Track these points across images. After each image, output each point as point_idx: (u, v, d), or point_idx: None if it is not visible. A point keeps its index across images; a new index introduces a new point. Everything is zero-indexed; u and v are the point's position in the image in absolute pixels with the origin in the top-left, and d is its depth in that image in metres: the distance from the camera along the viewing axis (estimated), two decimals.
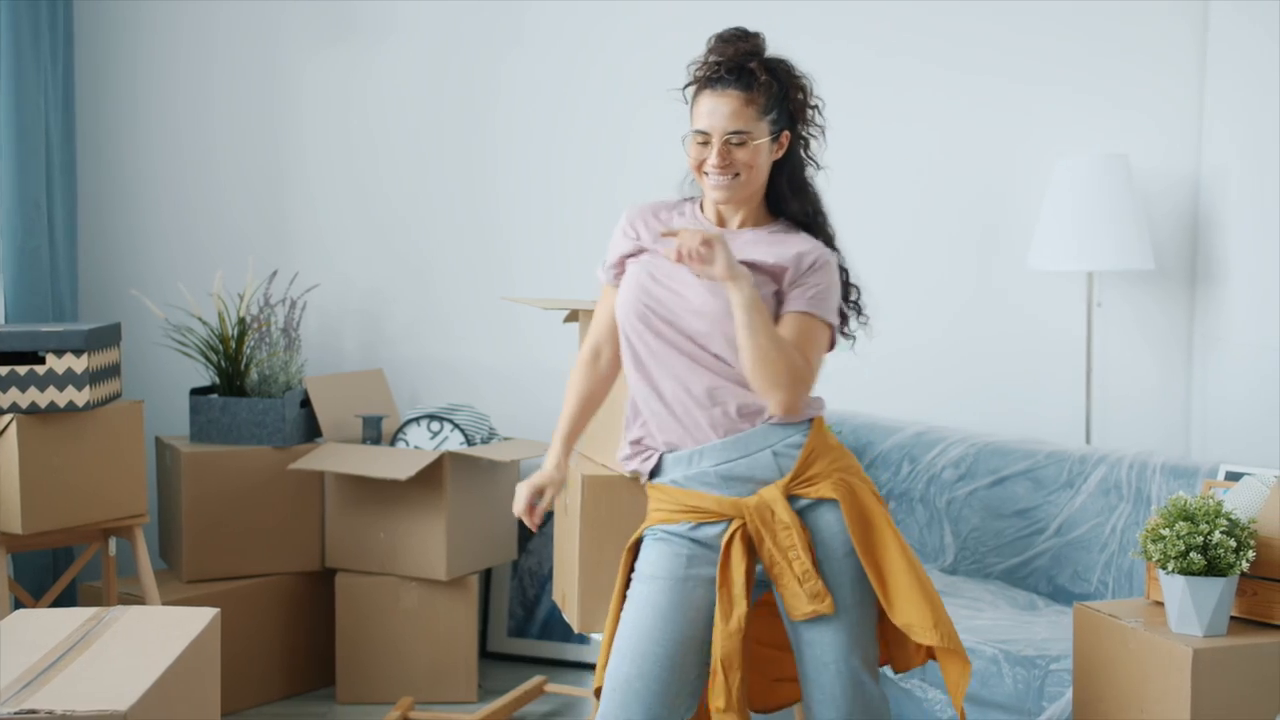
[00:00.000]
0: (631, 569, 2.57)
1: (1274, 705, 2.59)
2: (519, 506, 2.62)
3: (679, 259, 2.44)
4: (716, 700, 2.45)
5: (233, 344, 4.24)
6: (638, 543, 2.58)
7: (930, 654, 2.66)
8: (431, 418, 4.14)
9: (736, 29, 2.56)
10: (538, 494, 2.62)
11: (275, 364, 4.25)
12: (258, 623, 4.10)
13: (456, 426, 4.12)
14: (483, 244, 4.61)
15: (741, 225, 2.60)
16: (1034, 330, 4.45)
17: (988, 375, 4.46)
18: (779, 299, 2.55)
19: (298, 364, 4.31)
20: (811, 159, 2.65)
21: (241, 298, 4.30)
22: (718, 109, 2.49)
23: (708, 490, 2.50)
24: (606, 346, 2.67)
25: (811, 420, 2.56)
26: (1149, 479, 3.70)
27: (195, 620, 2.40)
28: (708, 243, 2.42)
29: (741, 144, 2.50)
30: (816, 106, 2.61)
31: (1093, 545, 3.77)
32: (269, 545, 4.13)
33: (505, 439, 4.28)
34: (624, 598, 2.55)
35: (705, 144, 2.51)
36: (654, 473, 2.57)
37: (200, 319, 4.29)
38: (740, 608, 2.45)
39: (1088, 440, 4.29)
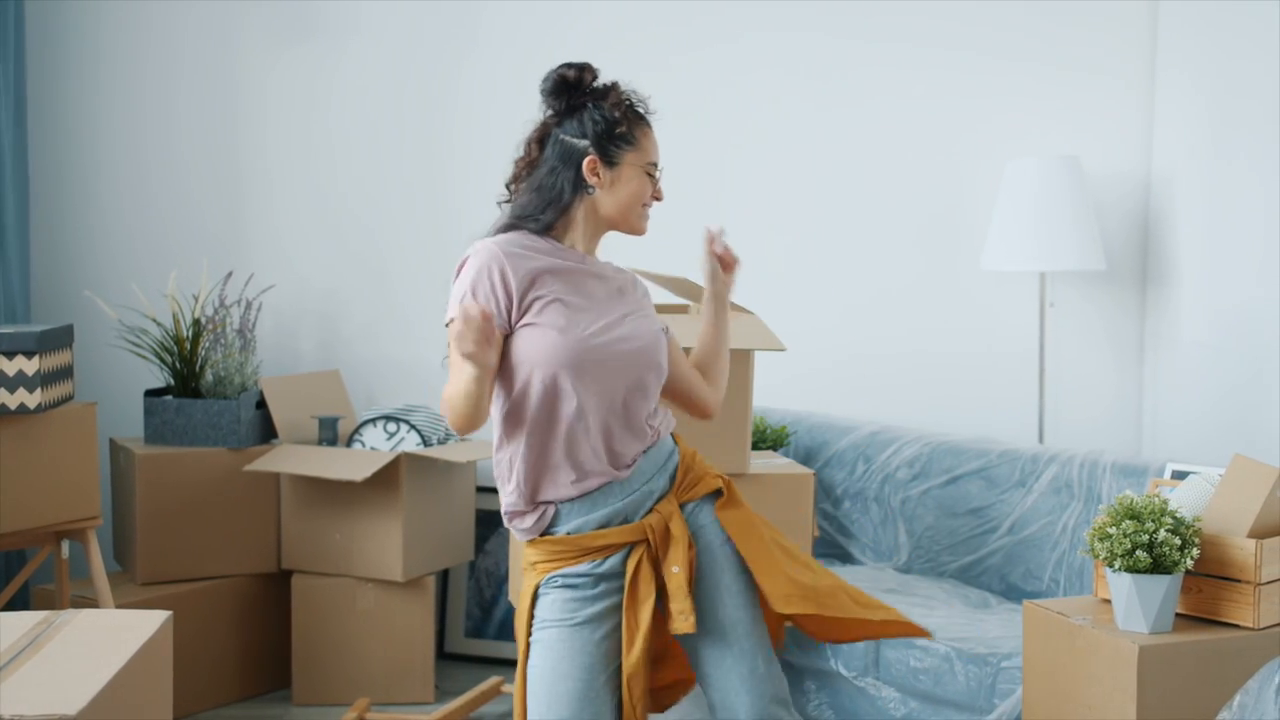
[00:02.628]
0: (531, 618, 2.52)
1: (1219, 700, 2.63)
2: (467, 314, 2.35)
3: (726, 260, 2.67)
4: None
5: (187, 345, 4.22)
6: (535, 592, 2.52)
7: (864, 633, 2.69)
8: (388, 419, 4.14)
9: (585, 64, 2.55)
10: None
11: (230, 365, 4.23)
12: (213, 624, 4.09)
13: (413, 427, 4.12)
14: (440, 245, 4.60)
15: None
16: (987, 330, 4.49)
17: (942, 375, 4.50)
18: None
19: (253, 365, 4.30)
20: None
21: (196, 299, 4.29)
22: (656, 144, 2.56)
23: (613, 526, 2.49)
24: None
25: (674, 437, 2.61)
26: (1100, 478, 3.74)
27: (147, 623, 2.39)
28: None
29: None
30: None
31: (1044, 544, 3.81)
32: (224, 547, 4.12)
33: (462, 440, 4.28)
34: (529, 648, 2.51)
35: (652, 176, 2.54)
36: (547, 528, 2.51)
37: (155, 320, 4.27)
38: (645, 626, 2.45)
39: (1040, 439, 4.33)
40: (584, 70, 2.54)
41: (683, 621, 2.45)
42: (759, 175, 4.56)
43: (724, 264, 2.71)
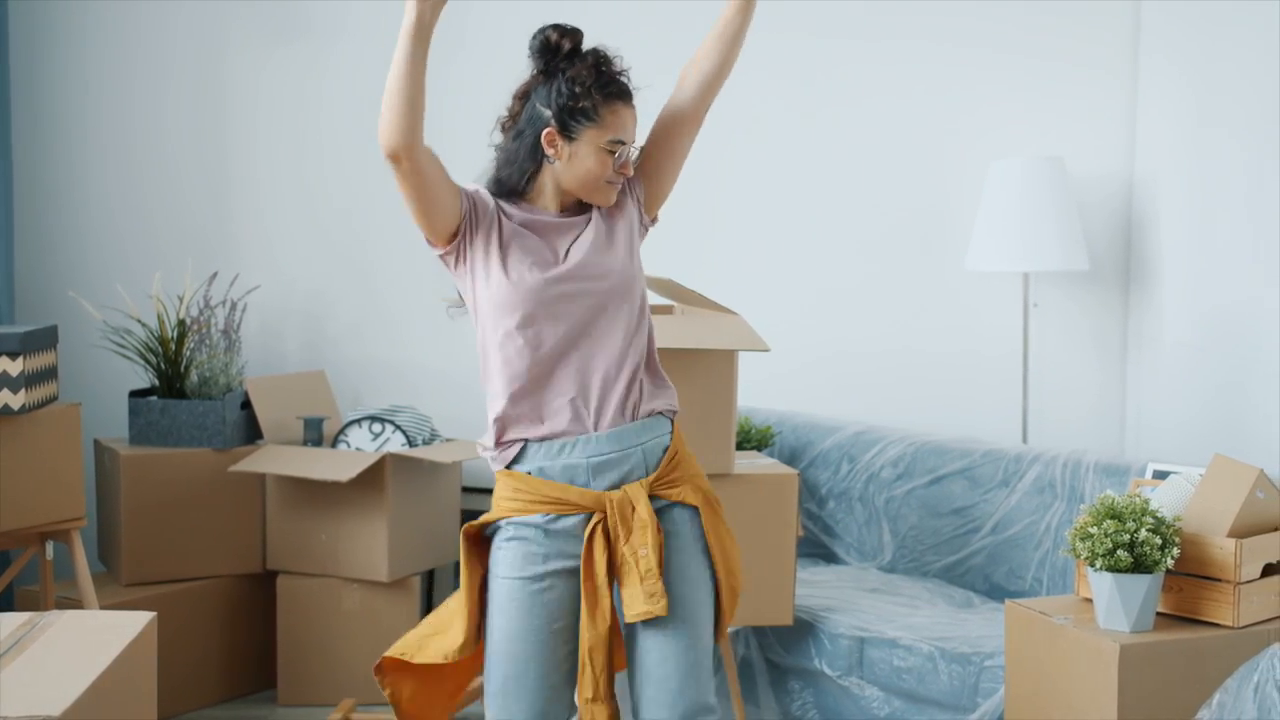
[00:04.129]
0: (477, 551, 2.56)
1: (1199, 699, 2.64)
2: None
3: None
4: (585, 691, 2.48)
5: (172, 346, 4.22)
6: (483, 526, 2.56)
7: None
8: (373, 419, 4.14)
9: (575, 29, 2.59)
10: None
11: (215, 366, 4.23)
12: (198, 625, 4.08)
13: (398, 428, 4.12)
14: (425, 245, 4.60)
15: (571, 212, 2.60)
16: (971, 331, 4.51)
17: (926, 375, 4.52)
18: (638, 205, 2.62)
19: (238, 365, 4.30)
20: None
21: (181, 299, 4.28)
22: (630, 119, 2.54)
23: (572, 483, 2.50)
24: (420, 136, 2.56)
25: (672, 421, 2.60)
26: (1082, 477, 3.76)
27: (131, 624, 2.39)
28: None
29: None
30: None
31: (1027, 543, 3.83)
32: (209, 548, 4.11)
33: (447, 440, 4.28)
34: (472, 577, 2.55)
35: (614, 153, 2.53)
36: (512, 461, 2.53)
37: (139, 321, 4.27)
38: (605, 601, 2.48)
39: (1024, 439, 4.35)
40: (565, 35, 2.56)
41: (653, 604, 2.45)
42: (743, 175, 4.57)
43: None
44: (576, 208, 2.59)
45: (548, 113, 2.53)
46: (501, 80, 4.79)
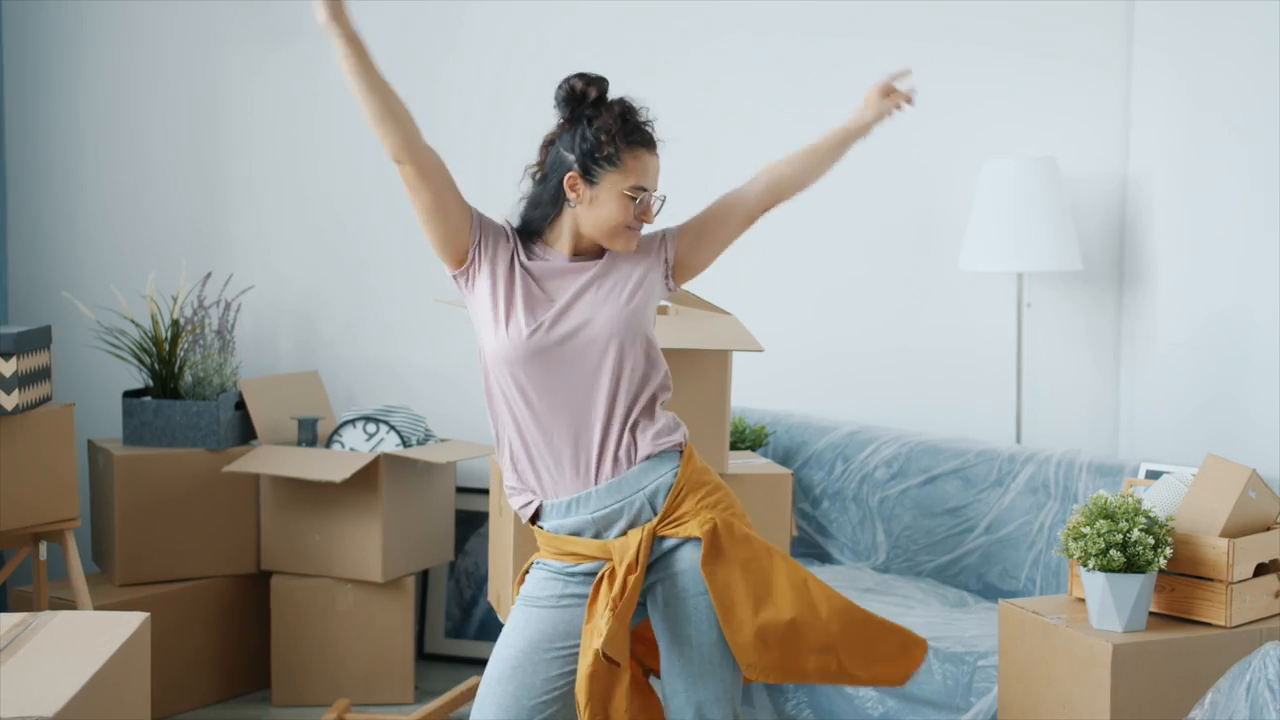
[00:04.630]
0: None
1: (1191, 698, 2.65)
2: None
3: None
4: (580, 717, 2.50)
5: (166, 346, 4.21)
6: (526, 569, 2.64)
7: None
8: (367, 419, 4.14)
9: (601, 77, 2.58)
10: None
11: (209, 366, 4.23)
12: (192, 626, 4.08)
13: (392, 428, 4.12)
14: (420, 245, 4.57)
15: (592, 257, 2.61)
16: (965, 331, 4.51)
17: (920, 375, 4.52)
18: (665, 266, 2.63)
19: (232, 366, 4.30)
20: None
21: (175, 300, 4.28)
22: (653, 167, 2.57)
23: (582, 536, 2.53)
24: (423, 144, 2.72)
25: (681, 452, 2.55)
26: (1076, 477, 3.76)
27: (124, 625, 2.39)
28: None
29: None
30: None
31: (1021, 543, 3.83)
32: (203, 548, 4.11)
33: (441, 440, 4.29)
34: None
35: (634, 199, 2.53)
36: (534, 517, 2.58)
37: (133, 321, 4.27)
38: (588, 660, 2.45)
39: (1018, 439, 4.35)
40: (591, 84, 2.56)
41: (603, 642, 2.43)
42: (735, 176, 4.56)
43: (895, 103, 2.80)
44: (590, 253, 2.59)
45: (571, 157, 2.54)
46: (494, 80, 4.82)
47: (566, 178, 2.54)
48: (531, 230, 2.60)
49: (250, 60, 4.57)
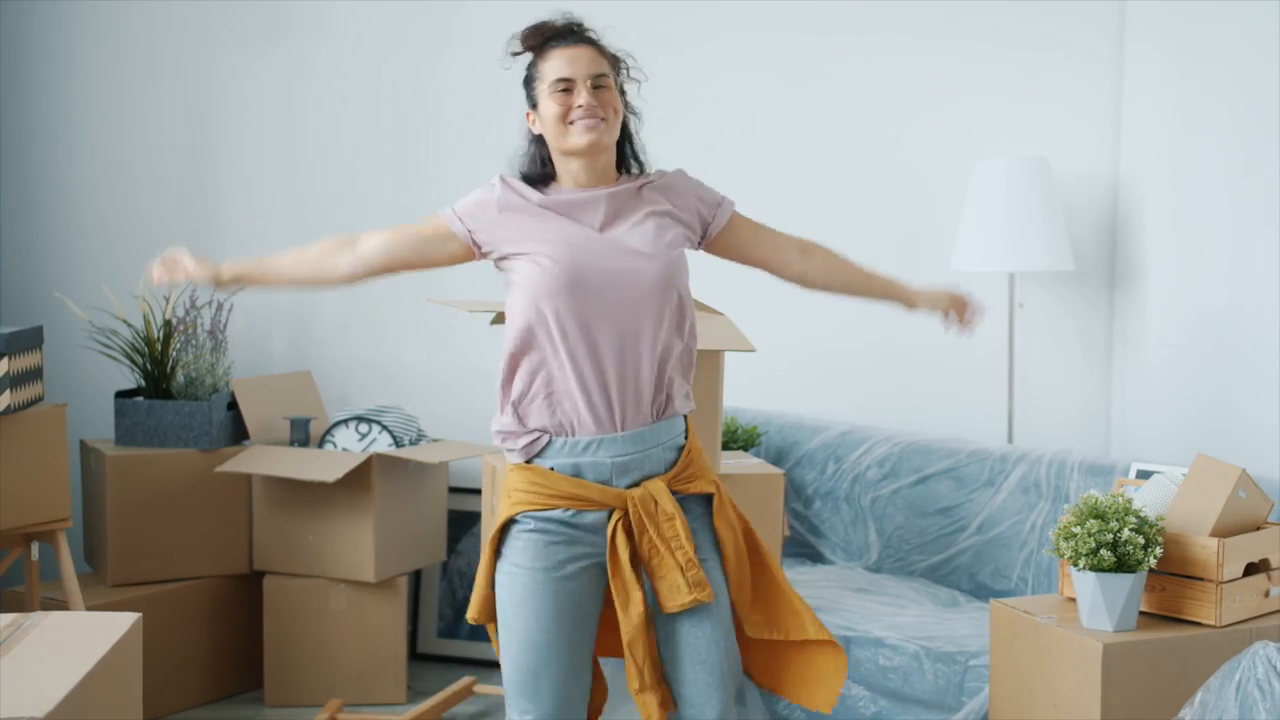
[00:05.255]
0: (498, 553, 2.55)
1: (1181, 697, 2.66)
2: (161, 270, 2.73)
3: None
4: (632, 684, 2.50)
5: (158, 346, 4.21)
6: (505, 523, 2.55)
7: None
8: (360, 419, 4.14)
9: (539, 22, 2.63)
10: (177, 266, 2.77)
11: (201, 366, 4.23)
12: (185, 626, 4.08)
13: (385, 428, 4.12)
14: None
15: (610, 184, 2.58)
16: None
17: (911, 375, 4.53)
18: (701, 233, 2.62)
19: (224, 366, 4.29)
20: (635, 131, 2.66)
21: (167, 300, 4.28)
22: (578, 57, 2.54)
23: (596, 480, 2.50)
24: (370, 255, 2.63)
25: (686, 418, 2.61)
26: (1067, 477, 3.77)
27: (116, 625, 2.40)
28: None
29: (605, 86, 2.55)
30: (637, 80, 2.65)
31: (1013, 542, 3.84)
32: (195, 548, 4.11)
33: (433, 440, 4.29)
34: (492, 568, 2.55)
35: (568, 91, 2.53)
36: (534, 455, 2.53)
37: (125, 321, 4.26)
38: (636, 593, 2.48)
39: (1009, 439, 4.36)
40: (530, 34, 2.61)
41: (700, 591, 2.46)
42: (729, 176, 4.55)
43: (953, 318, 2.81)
44: (595, 180, 2.57)
45: (527, 99, 2.60)
46: (487, 79, 4.80)
47: (526, 117, 2.60)
48: (534, 179, 2.60)
49: (244, 60, 4.57)
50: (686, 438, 2.57)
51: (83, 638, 2.31)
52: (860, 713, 3.49)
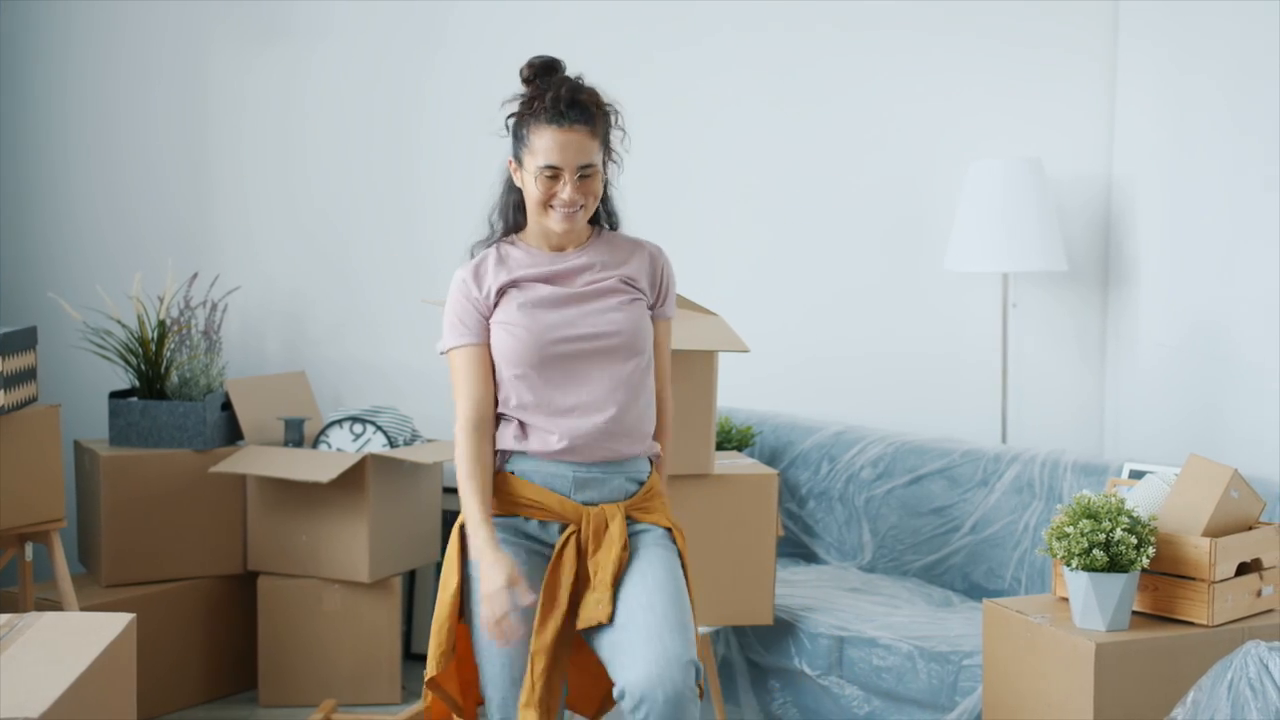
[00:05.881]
0: (463, 553, 2.58)
1: (1174, 697, 2.66)
2: (496, 614, 2.45)
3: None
4: (521, 697, 2.47)
5: (152, 347, 4.21)
6: (464, 528, 2.59)
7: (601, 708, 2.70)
8: (354, 420, 4.14)
9: (548, 60, 2.58)
10: (511, 593, 2.46)
11: (196, 366, 4.23)
12: (179, 626, 4.08)
13: (379, 429, 4.12)
14: (407, 246, 4.62)
15: (577, 246, 2.64)
16: (951, 331, 4.53)
17: (905, 375, 4.53)
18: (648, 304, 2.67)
19: (219, 366, 4.29)
20: (611, 179, 2.69)
21: (161, 300, 4.28)
22: (569, 144, 2.51)
23: (556, 491, 2.55)
24: (488, 411, 2.60)
25: (653, 462, 2.66)
26: (1061, 477, 3.78)
27: (110, 626, 2.39)
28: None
29: (590, 176, 2.55)
30: (621, 130, 2.65)
31: (1006, 542, 3.85)
32: (190, 548, 4.11)
33: (428, 441, 4.29)
34: (459, 577, 2.57)
35: (554, 179, 2.53)
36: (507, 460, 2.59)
37: (119, 322, 4.26)
38: (560, 610, 2.49)
39: (1003, 439, 4.37)
40: (530, 66, 2.58)
41: (599, 610, 2.47)
42: (723, 177, 4.59)
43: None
44: (565, 243, 2.62)
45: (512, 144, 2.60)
46: (481, 79, 4.81)
47: (508, 162, 2.61)
48: (508, 226, 2.65)
49: (239, 61, 4.57)
50: (649, 477, 2.62)
51: (77, 638, 2.31)
52: (854, 712, 3.49)
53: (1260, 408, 3.59)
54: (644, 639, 2.43)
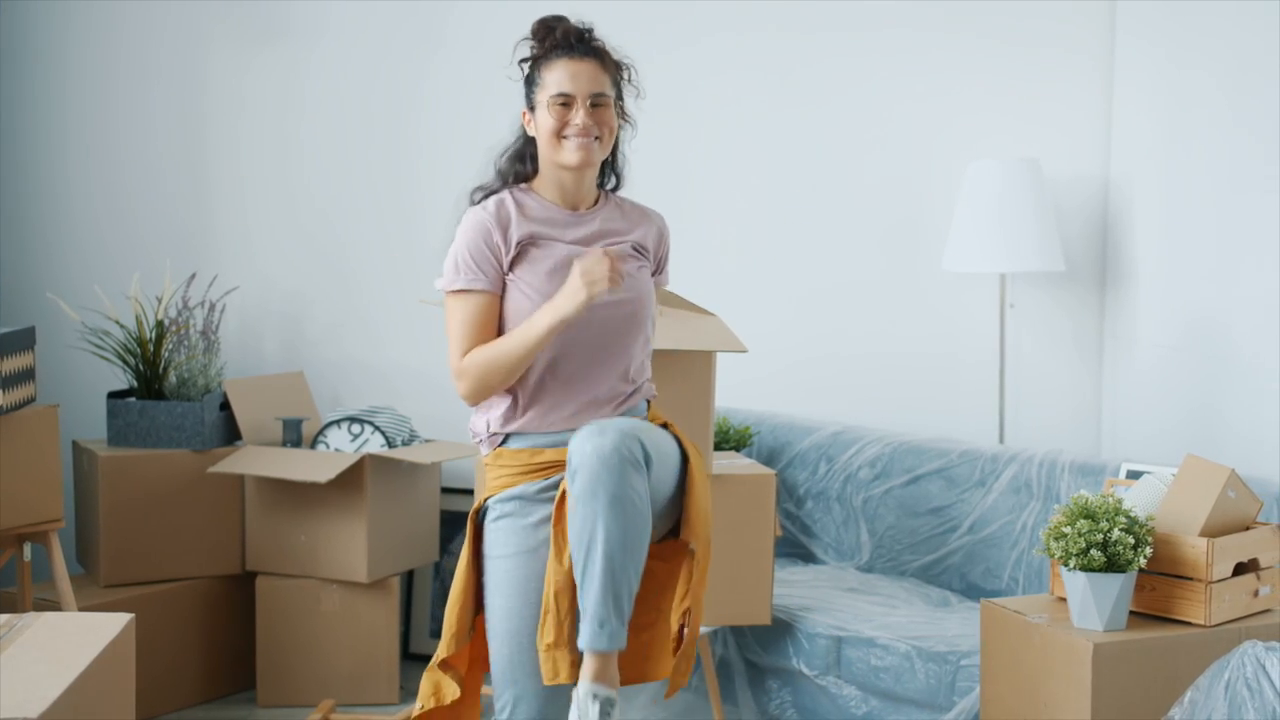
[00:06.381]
0: (477, 541, 2.59)
1: (1171, 696, 2.67)
2: (604, 262, 2.44)
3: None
4: (546, 636, 2.45)
5: (150, 347, 4.21)
6: (480, 512, 2.59)
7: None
8: (352, 420, 4.14)
9: (556, 14, 2.64)
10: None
11: (194, 367, 4.23)
12: (177, 626, 4.08)
13: (377, 429, 4.12)
14: (405, 246, 4.62)
15: (587, 207, 2.64)
16: (948, 331, 4.53)
17: (903, 376, 4.54)
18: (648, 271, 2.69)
19: (217, 367, 4.29)
20: (622, 143, 2.71)
21: (159, 300, 4.28)
22: (580, 73, 2.56)
23: (563, 446, 2.52)
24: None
25: (649, 403, 2.68)
26: (1058, 477, 3.78)
27: (108, 626, 2.40)
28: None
29: (603, 105, 2.58)
30: (636, 88, 2.68)
31: (1004, 542, 3.85)
32: (188, 549, 4.11)
33: (426, 441, 4.29)
34: (473, 568, 2.57)
35: (566, 106, 2.55)
36: (503, 440, 2.58)
37: (118, 322, 4.26)
38: (568, 557, 2.46)
39: (1000, 439, 4.37)
40: (536, 21, 2.63)
41: None
42: (721, 178, 4.59)
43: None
44: (577, 199, 2.62)
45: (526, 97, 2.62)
46: (480, 79, 4.81)
47: (521, 115, 2.62)
48: (519, 175, 2.64)
49: (238, 61, 4.57)
50: (646, 415, 2.65)
51: (75, 638, 2.32)
52: (852, 712, 3.50)
53: (1257, 408, 3.60)
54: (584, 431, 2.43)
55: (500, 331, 2.55)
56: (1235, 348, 3.75)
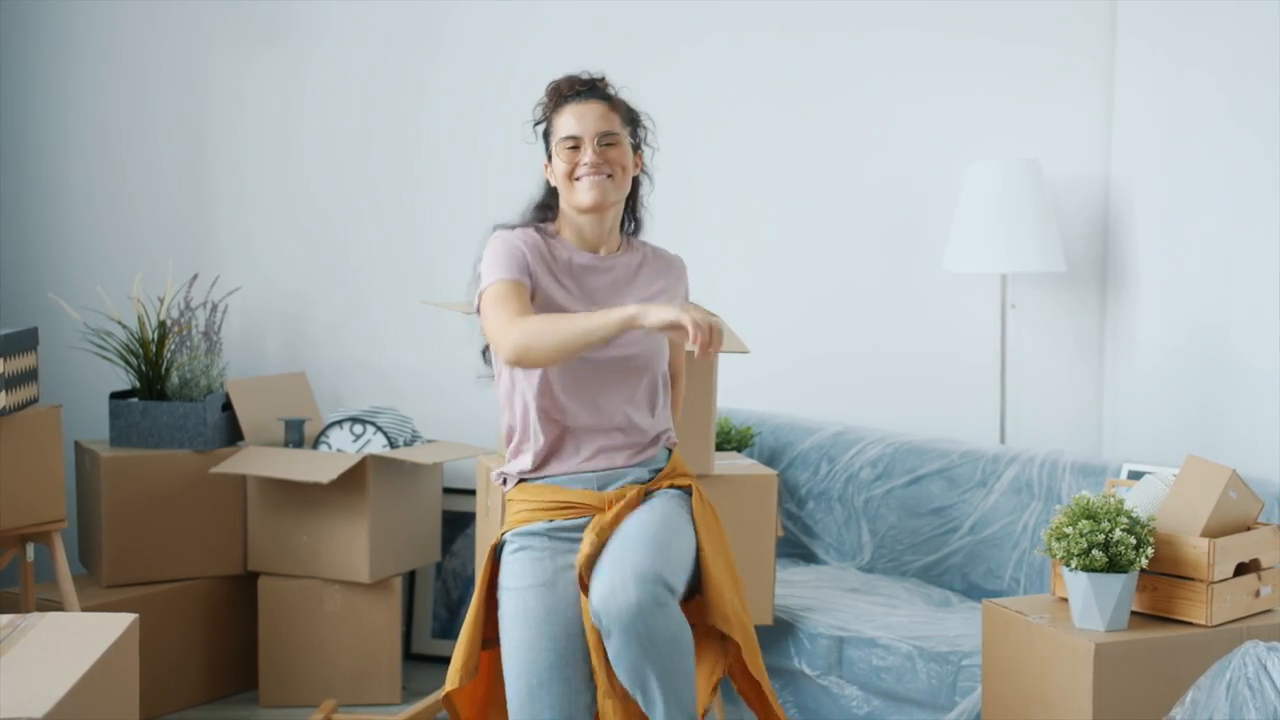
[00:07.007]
0: (493, 576, 2.62)
1: (1172, 697, 2.67)
2: (701, 321, 2.37)
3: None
4: (601, 685, 2.48)
5: (153, 347, 4.22)
6: (497, 548, 2.63)
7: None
8: (354, 420, 4.15)
9: (559, 79, 2.72)
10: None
11: (196, 367, 4.23)
12: (179, 627, 4.09)
13: (379, 429, 4.13)
14: (406, 246, 4.62)
15: (609, 251, 2.69)
16: (949, 332, 4.53)
17: (904, 376, 4.54)
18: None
19: (219, 367, 4.30)
20: (642, 194, 2.76)
21: (162, 301, 4.28)
22: (586, 114, 2.62)
23: (584, 487, 2.60)
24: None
25: (670, 450, 2.72)
26: (1059, 477, 3.79)
27: (112, 626, 2.40)
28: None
29: (613, 144, 2.62)
30: (652, 146, 2.73)
31: (1005, 543, 3.85)
32: (190, 549, 4.12)
33: (428, 441, 4.29)
34: (486, 599, 2.60)
35: (576, 148, 2.61)
36: (528, 475, 2.63)
37: (120, 322, 4.27)
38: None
39: (1002, 440, 4.38)
40: (549, 85, 2.69)
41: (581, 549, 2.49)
42: (722, 179, 4.59)
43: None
44: (598, 244, 2.67)
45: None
46: (480, 80, 4.82)
47: (544, 167, 2.69)
48: (540, 222, 2.70)
49: (238, 61, 4.58)
50: (668, 461, 2.68)
51: (79, 639, 2.32)
52: (853, 712, 3.50)
53: (1258, 408, 3.60)
54: (609, 561, 2.43)
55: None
56: (1236, 348, 3.75)
